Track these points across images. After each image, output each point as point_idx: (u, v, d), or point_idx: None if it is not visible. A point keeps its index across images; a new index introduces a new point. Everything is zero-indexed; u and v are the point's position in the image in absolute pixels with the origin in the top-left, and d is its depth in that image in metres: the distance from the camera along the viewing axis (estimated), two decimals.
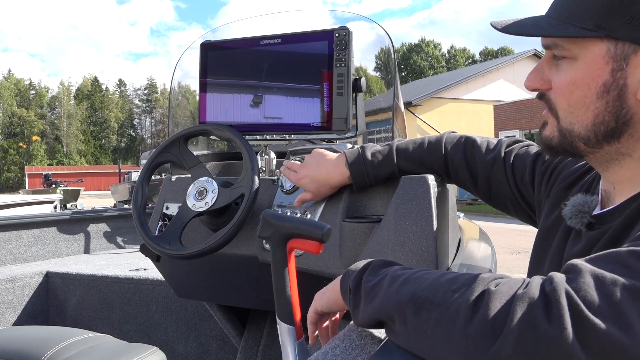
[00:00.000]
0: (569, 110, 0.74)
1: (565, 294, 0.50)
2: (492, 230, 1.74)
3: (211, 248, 1.27)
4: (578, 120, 0.74)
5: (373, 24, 1.58)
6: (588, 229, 0.80)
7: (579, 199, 0.83)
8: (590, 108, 0.72)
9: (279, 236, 0.78)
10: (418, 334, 0.56)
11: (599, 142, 0.74)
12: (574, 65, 0.72)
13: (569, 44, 0.72)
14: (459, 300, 0.54)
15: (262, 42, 1.43)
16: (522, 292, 0.52)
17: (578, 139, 0.75)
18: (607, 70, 0.70)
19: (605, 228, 0.76)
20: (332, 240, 1.12)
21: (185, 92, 2.04)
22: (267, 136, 1.50)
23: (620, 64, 0.69)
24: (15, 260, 2.59)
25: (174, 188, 1.52)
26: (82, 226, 2.93)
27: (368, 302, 0.66)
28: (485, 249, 1.48)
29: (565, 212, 0.84)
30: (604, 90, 0.71)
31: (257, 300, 1.60)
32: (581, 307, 0.48)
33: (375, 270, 0.70)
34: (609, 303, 0.49)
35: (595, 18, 0.69)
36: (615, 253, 0.55)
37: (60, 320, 2.36)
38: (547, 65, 0.77)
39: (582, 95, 0.72)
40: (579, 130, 0.74)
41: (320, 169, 1.19)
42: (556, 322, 0.48)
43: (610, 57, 0.70)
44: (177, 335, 2.17)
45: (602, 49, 0.70)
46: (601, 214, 0.79)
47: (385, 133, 1.77)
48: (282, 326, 0.80)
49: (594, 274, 0.52)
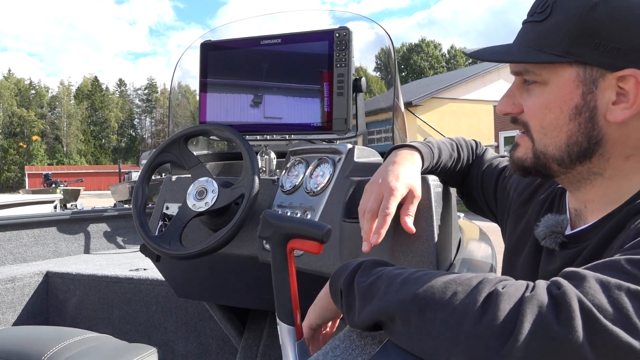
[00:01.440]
0: (542, 132, 0.77)
1: (576, 297, 0.51)
2: (492, 231, 1.74)
3: (211, 248, 1.27)
4: (552, 142, 0.77)
5: (373, 24, 1.58)
6: (562, 248, 0.83)
7: (551, 220, 0.87)
8: (563, 130, 0.76)
9: (279, 236, 0.78)
10: (423, 334, 0.56)
11: (572, 163, 0.77)
12: (545, 89, 0.76)
13: (540, 69, 0.75)
14: (466, 301, 0.54)
15: (262, 42, 1.43)
16: (530, 294, 0.53)
17: (552, 160, 0.78)
18: (578, 94, 0.74)
19: (581, 247, 0.79)
20: (332, 240, 1.12)
21: (186, 92, 2.04)
22: (267, 136, 1.50)
23: (590, 87, 0.73)
24: (15, 260, 2.59)
25: (174, 188, 1.52)
26: (82, 226, 2.93)
27: (365, 303, 0.65)
28: (485, 249, 1.48)
29: (538, 232, 0.87)
30: (576, 112, 0.74)
31: (257, 301, 1.60)
32: (593, 311, 0.49)
33: (367, 270, 0.70)
34: (617, 307, 0.50)
35: (564, 44, 0.72)
36: (613, 261, 0.56)
37: (60, 320, 2.36)
38: (517, 91, 0.80)
39: (555, 117, 0.76)
40: (553, 151, 0.77)
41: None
42: (566, 324, 0.49)
43: (580, 80, 0.73)
44: (177, 335, 2.17)
45: (571, 74, 0.73)
46: (575, 234, 0.82)
47: (385, 133, 1.77)
48: (282, 326, 0.79)
49: (599, 280, 0.53)
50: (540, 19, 0.76)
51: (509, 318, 0.51)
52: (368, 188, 0.98)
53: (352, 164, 1.24)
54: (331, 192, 1.22)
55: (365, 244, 0.92)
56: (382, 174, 0.97)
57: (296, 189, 1.31)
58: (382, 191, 0.93)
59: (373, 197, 0.94)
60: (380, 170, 1.00)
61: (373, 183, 0.97)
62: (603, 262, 0.57)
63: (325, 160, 1.29)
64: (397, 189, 0.93)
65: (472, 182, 1.20)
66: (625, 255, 0.57)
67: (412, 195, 0.95)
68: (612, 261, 0.57)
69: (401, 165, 0.98)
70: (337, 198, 1.19)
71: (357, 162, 1.24)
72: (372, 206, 0.93)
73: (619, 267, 0.55)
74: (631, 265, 0.54)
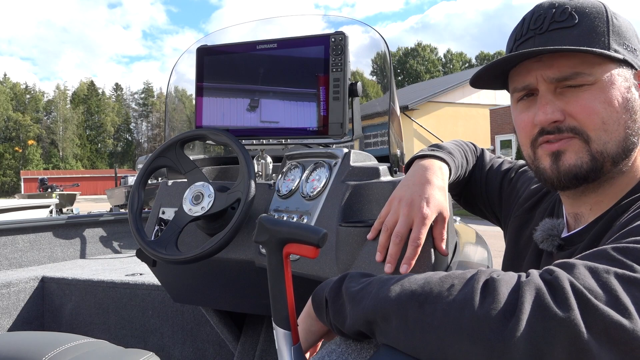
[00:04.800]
0: (603, 128, 0.79)
1: (568, 280, 0.53)
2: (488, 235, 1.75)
3: (207, 253, 1.27)
4: (612, 137, 0.79)
5: (368, 28, 1.58)
6: (559, 251, 0.86)
7: (548, 224, 0.89)
8: (621, 123, 0.79)
9: (274, 241, 0.78)
10: (423, 328, 0.56)
11: (622, 160, 0.80)
12: (597, 87, 0.78)
13: (591, 68, 0.78)
14: (465, 290, 0.56)
15: (258, 46, 1.43)
16: (525, 279, 0.55)
17: (608, 158, 0.79)
18: (625, 88, 0.79)
19: (574, 248, 0.82)
20: (328, 244, 1.12)
21: (182, 97, 2.04)
22: (264, 140, 1.50)
23: (631, 83, 0.80)
24: (11, 265, 2.58)
25: (170, 192, 1.51)
26: (78, 231, 2.92)
27: (356, 305, 0.65)
28: (481, 253, 1.48)
29: (536, 236, 0.90)
30: (628, 106, 0.80)
31: (254, 305, 1.60)
32: (584, 292, 0.52)
33: (355, 278, 0.70)
34: (606, 289, 0.53)
35: (609, 43, 0.78)
36: (600, 250, 0.59)
37: (56, 326, 2.35)
38: (554, 98, 0.80)
39: (614, 111, 0.78)
40: (612, 147, 0.79)
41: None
42: (563, 305, 0.51)
43: (623, 77, 0.79)
44: (174, 340, 2.16)
45: (618, 71, 0.79)
46: (570, 236, 0.85)
47: (381, 137, 1.77)
48: (279, 331, 0.79)
49: (588, 266, 0.56)
50: (571, 24, 0.79)
51: (510, 301, 0.53)
52: (395, 204, 0.93)
53: (348, 168, 1.24)
54: (327, 196, 1.22)
55: (389, 265, 0.89)
56: (412, 193, 0.92)
57: (292, 193, 1.31)
58: (413, 216, 0.90)
59: (402, 219, 0.90)
60: (409, 184, 0.95)
61: (402, 201, 0.92)
62: (591, 252, 0.60)
63: (322, 164, 1.29)
64: (428, 217, 0.89)
65: (474, 186, 1.20)
66: (612, 243, 0.60)
67: (441, 218, 0.92)
68: (599, 250, 0.60)
69: (432, 186, 0.93)
70: (333, 202, 1.19)
71: (353, 166, 1.24)
72: (401, 231, 0.89)
73: (606, 255, 0.58)
74: (617, 252, 0.57)
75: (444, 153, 1.04)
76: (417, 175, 0.96)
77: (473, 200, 1.23)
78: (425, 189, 0.92)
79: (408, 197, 0.92)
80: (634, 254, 0.57)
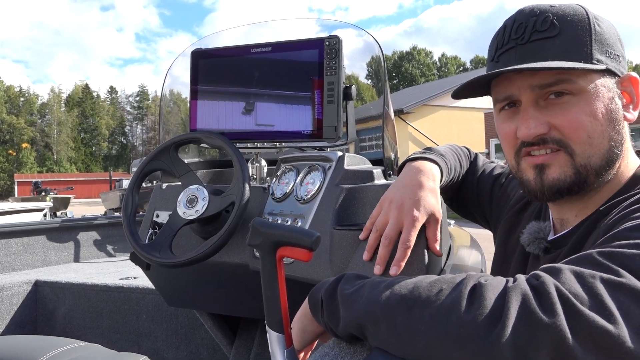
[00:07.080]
0: (588, 142, 0.77)
1: (554, 285, 0.54)
2: (482, 238, 1.75)
3: (201, 256, 1.27)
4: (596, 150, 0.78)
5: (362, 32, 1.59)
6: (545, 253, 0.86)
7: (534, 227, 0.89)
8: (606, 136, 0.78)
9: (268, 244, 0.78)
10: (411, 332, 0.57)
11: (605, 172, 0.79)
12: (582, 98, 0.77)
13: (577, 78, 0.76)
14: (452, 295, 0.56)
15: (253, 50, 1.43)
16: (512, 285, 0.55)
17: (592, 171, 0.78)
18: (609, 98, 0.78)
19: (560, 251, 0.82)
20: (322, 247, 1.12)
21: (177, 100, 2.04)
22: (258, 144, 1.50)
23: (615, 92, 0.79)
24: (4, 269, 2.57)
25: (164, 196, 1.51)
26: (71, 234, 2.91)
27: (348, 307, 0.66)
28: (475, 256, 1.49)
29: (523, 239, 0.90)
30: (612, 117, 0.78)
31: (248, 309, 1.59)
32: (570, 298, 0.52)
33: (350, 280, 0.70)
34: (591, 294, 0.53)
35: (591, 53, 0.76)
36: (585, 255, 0.60)
37: (49, 330, 2.34)
38: (537, 112, 0.79)
39: (599, 124, 0.77)
40: (596, 161, 0.78)
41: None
42: (549, 310, 0.51)
43: (607, 86, 0.78)
44: (168, 344, 2.15)
45: (601, 80, 0.78)
46: (555, 239, 0.85)
47: (376, 140, 1.77)
48: (272, 334, 0.79)
49: (573, 271, 0.56)
50: (553, 34, 0.77)
51: (496, 306, 0.53)
52: (385, 205, 0.93)
53: (343, 171, 1.24)
54: (321, 199, 1.22)
55: (378, 267, 0.91)
56: (402, 195, 0.92)
57: (287, 196, 1.31)
58: (402, 218, 0.90)
59: (392, 222, 0.90)
60: (400, 186, 0.95)
61: (392, 203, 0.92)
62: (577, 256, 0.60)
63: (316, 167, 1.29)
64: (418, 219, 0.89)
65: (467, 190, 1.20)
66: (596, 248, 0.60)
67: (434, 220, 0.92)
68: (584, 255, 0.60)
69: (423, 188, 0.93)
70: (327, 205, 1.19)
71: (348, 169, 1.25)
72: (390, 233, 0.90)
73: (591, 260, 0.58)
74: (602, 257, 0.58)
75: (436, 155, 1.04)
76: (409, 178, 0.96)
77: (465, 205, 1.23)
78: (415, 192, 0.92)
79: (398, 199, 0.92)
80: (619, 259, 0.57)
